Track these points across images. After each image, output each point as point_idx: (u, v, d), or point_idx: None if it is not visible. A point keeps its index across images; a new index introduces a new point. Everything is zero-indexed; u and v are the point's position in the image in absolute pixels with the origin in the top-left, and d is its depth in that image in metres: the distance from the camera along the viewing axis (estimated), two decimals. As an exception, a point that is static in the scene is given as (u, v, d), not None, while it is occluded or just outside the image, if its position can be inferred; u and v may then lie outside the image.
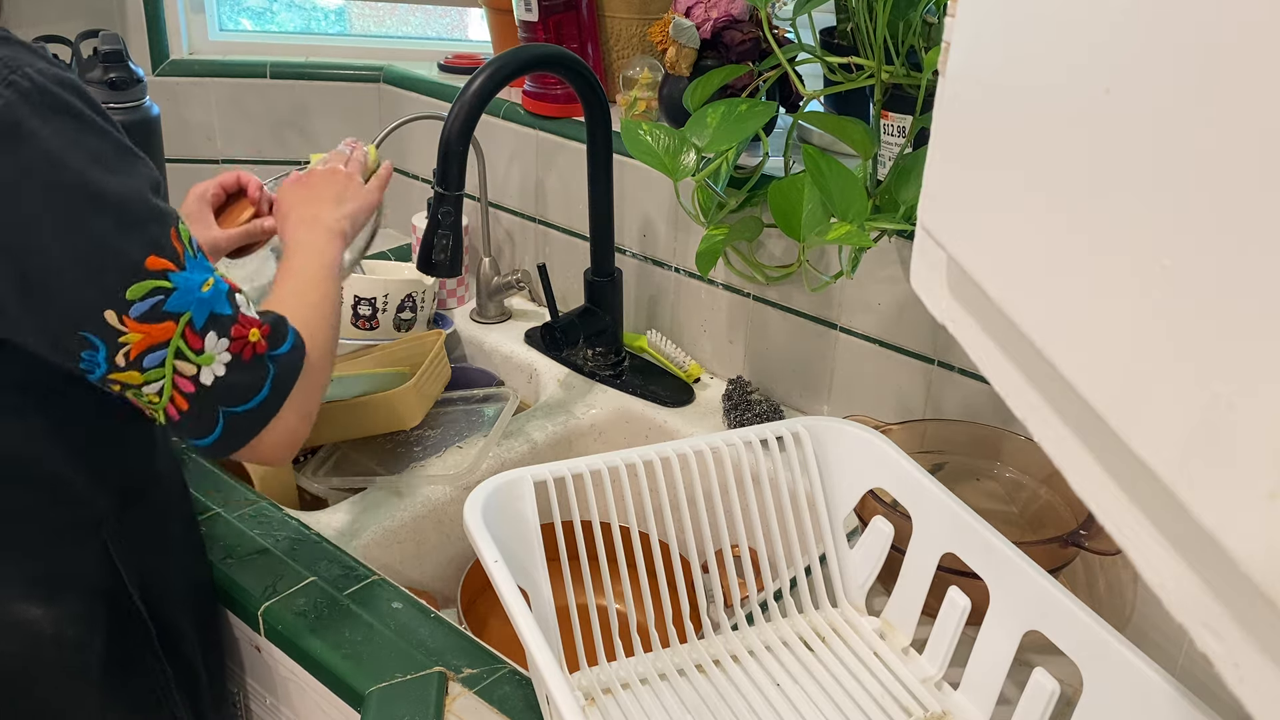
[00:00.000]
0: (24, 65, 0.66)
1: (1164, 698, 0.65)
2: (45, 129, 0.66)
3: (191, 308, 0.72)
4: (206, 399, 0.73)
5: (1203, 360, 0.34)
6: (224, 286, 0.74)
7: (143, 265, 0.69)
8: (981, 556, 0.78)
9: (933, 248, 0.56)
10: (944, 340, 1.08)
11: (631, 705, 0.79)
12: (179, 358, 0.71)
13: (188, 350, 0.72)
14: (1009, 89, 0.48)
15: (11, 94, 0.65)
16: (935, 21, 0.99)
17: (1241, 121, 0.32)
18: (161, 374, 0.71)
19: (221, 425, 0.75)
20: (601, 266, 1.25)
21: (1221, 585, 0.35)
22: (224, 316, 0.73)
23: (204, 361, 0.72)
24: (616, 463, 0.83)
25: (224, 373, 0.73)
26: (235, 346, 0.74)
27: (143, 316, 0.70)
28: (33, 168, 0.66)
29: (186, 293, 0.71)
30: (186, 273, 0.71)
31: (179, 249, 0.72)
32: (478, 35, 1.75)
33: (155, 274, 0.70)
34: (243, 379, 0.75)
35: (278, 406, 0.77)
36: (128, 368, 0.71)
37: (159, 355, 0.71)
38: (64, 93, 0.67)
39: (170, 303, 0.70)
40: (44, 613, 0.79)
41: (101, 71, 1.33)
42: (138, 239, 0.69)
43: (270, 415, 0.77)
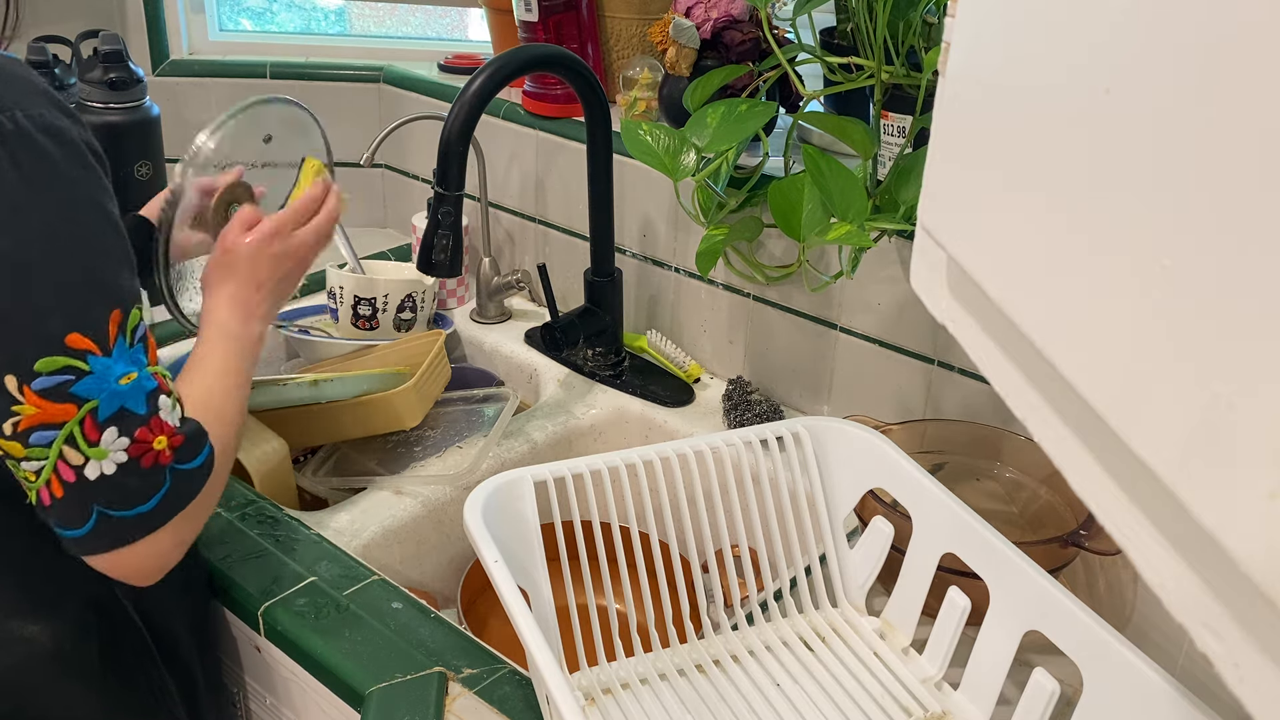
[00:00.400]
0: (18, 108, 0.65)
1: (1164, 698, 0.65)
2: (13, 174, 0.64)
3: (101, 397, 0.67)
4: (84, 492, 0.68)
5: (1203, 360, 0.34)
6: (149, 385, 0.70)
7: (61, 340, 0.66)
8: (981, 556, 0.78)
9: (933, 248, 0.56)
10: (944, 340, 1.08)
11: (631, 705, 0.79)
12: (69, 444, 0.67)
13: (81, 439, 0.67)
14: (1009, 89, 0.48)
15: None
16: (935, 21, 0.99)
17: (1241, 121, 0.32)
18: (45, 454, 0.67)
19: (92, 524, 0.69)
20: (601, 266, 1.25)
21: (1221, 585, 0.35)
22: (133, 414, 0.69)
23: (95, 455, 0.68)
24: (616, 463, 0.83)
25: (113, 471, 0.69)
26: (135, 449, 0.69)
27: (45, 392, 0.66)
28: None
29: (101, 380, 0.67)
30: (109, 360, 0.67)
31: (111, 334, 0.68)
32: (478, 35, 1.75)
33: (73, 353, 0.66)
34: (131, 484, 0.70)
35: (161, 523, 0.72)
36: (11, 438, 0.67)
37: (48, 435, 0.67)
38: (49, 143, 0.65)
39: (79, 386, 0.67)
40: (40, 627, 0.79)
41: (101, 71, 1.33)
42: (66, 311, 0.66)
43: (150, 529, 0.71)
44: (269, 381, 1.15)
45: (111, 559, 0.72)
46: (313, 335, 1.33)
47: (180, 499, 0.72)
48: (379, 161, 1.66)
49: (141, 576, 0.74)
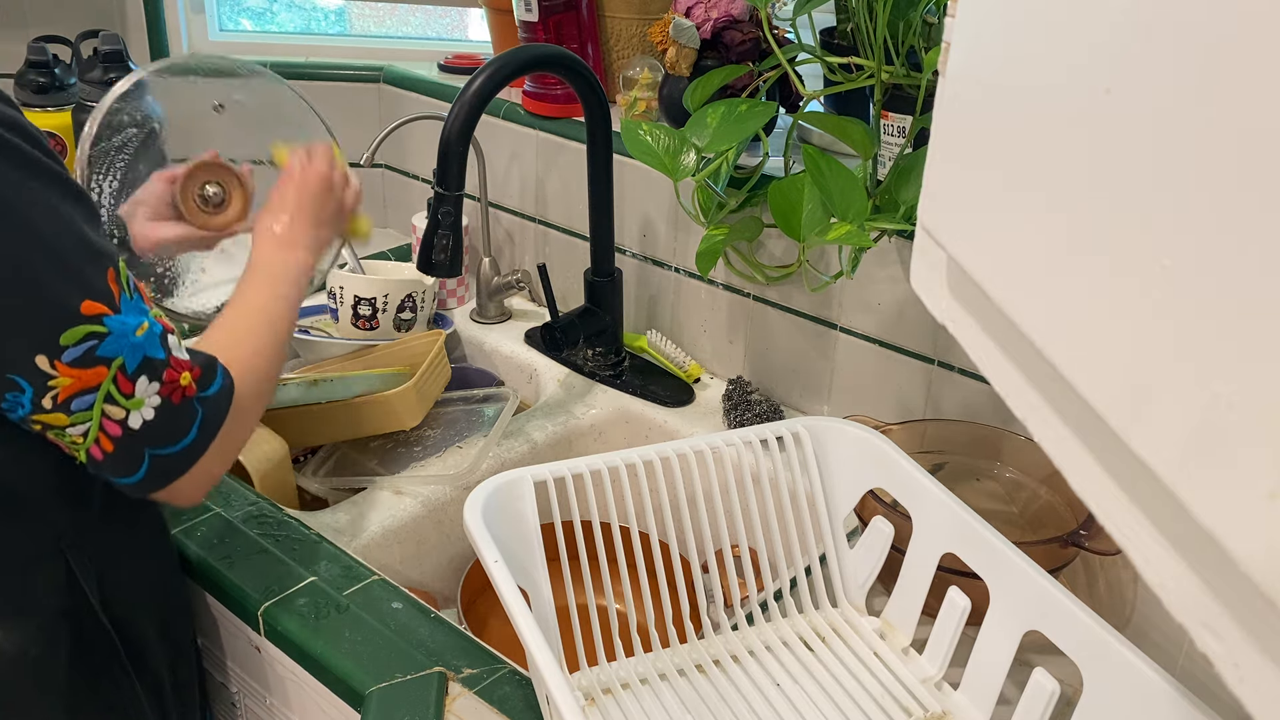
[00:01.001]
0: None
1: (1164, 698, 0.65)
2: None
3: (125, 353, 0.70)
4: (134, 441, 0.72)
5: (1203, 360, 0.34)
6: (158, 329, 0.73)
7: (78, 310, 0.68)
8: (981, 556, 0.78)
9: (933, 248, 0.56)
10: (944, 340, 1.08)
11: (631, 705, 0.79)
12: (109, 401, 0.70)
13: (118, 395, 0.71)
14: (1009, 89, 0.48)
15: None
16: (935, 21, 0.99)
17: (1242, 121, 0.32)
18: (88, 417, 0.70)
19: (146, 466, 0.73)
20: (601, 266, 1.25)
21: (1221, 585, 0.35)
22: (156, 360, 0.72)
23: (133, 406, 0.71)
24: (616, 463, 0.83)
25: (153, 416, 0.72)
26: (165, 390, 0.73)
27: (75, 361, 0.68)
28: None
29: (120, 337, 0.70)
30: (121, 316, 0.70)
31: (115, 292, 0.70)
32: (478, 35, 1.75)
33: (90, 319, 0.69)
34: (171, 422, 0.73)
35: (204, 449, 0.76)
36: (54, 410, 0.69)
37: (88, 399, 0.70)
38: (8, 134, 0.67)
39: (103, 348, 0.69)
40: (5, 634, 0.78)
41: (101, 71, 1.33)
42: (74, 284, 0.68)
43: (196, 457, 0.76)
44: (269, 381, 1.15)
45: (168, 492, 0.76)
46: (313, 335, 1.33)
47: (214, 423, 0.76)
48: (379, 161, 1.66)
49: (194, 500, 0.79)
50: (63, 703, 0.82)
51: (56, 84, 1.43)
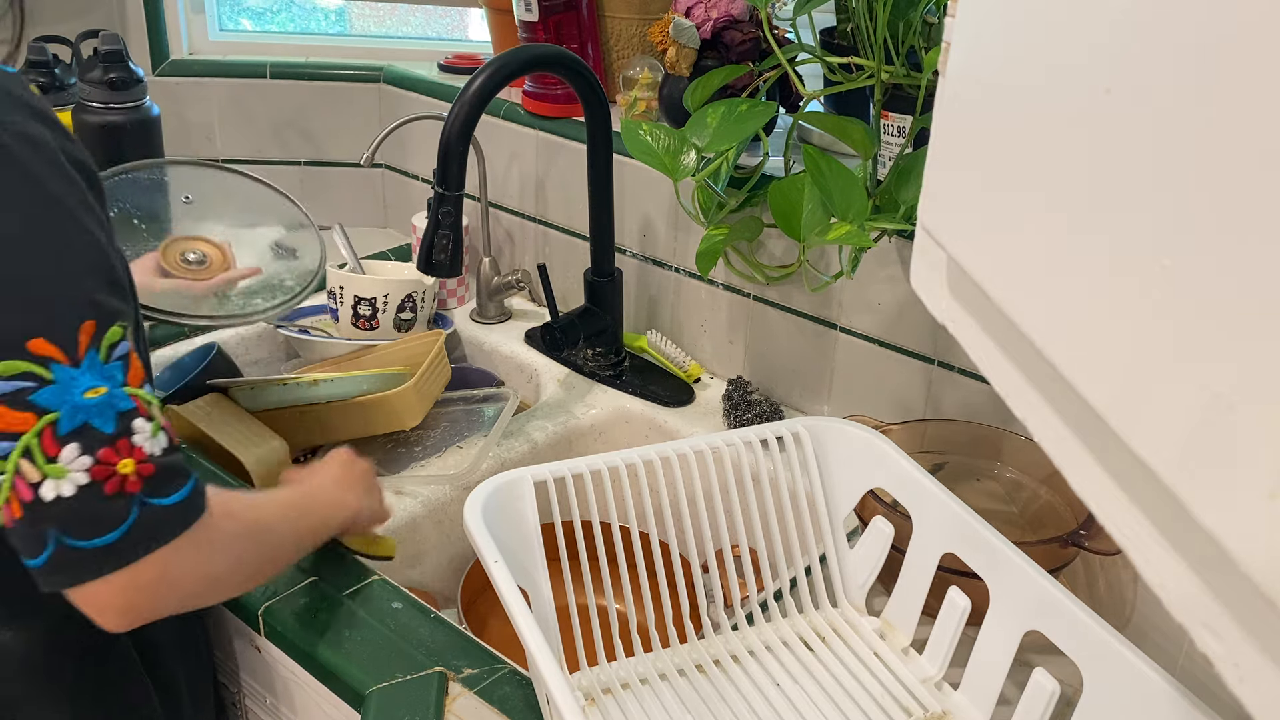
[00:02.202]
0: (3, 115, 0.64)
1: (1164, 698, 0.65)
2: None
3: (63, 409, 0.62)
4: (40, 516, 0.62)
5: (1203, 360, 0.34)
6: (122, 405, 0.64)
7: (22, 344, 0.61)
8: (981, 556, 0.78)
9: (933, 248, 0.56)
10: (944, 340, 1.08)
11: (631, 705, 0.79)
12: (26, 457, 0.62)
13: (39, 453, 0.62)
14: (1009, 89, 0.48)
15: None
16: (935, 21, 0.99)
17: (1242, 121, 0.32)
18: (3, 467, 0.62)
19: (49, 553, 0.63)
20: (601, 266, 1.25)
21: (1221, 585, 0.35)
22: (98, 432, 0.63)
23: (53, 473, 0.62)
24: (616, 463, 0.83)
25: (71, 494, 0.62)
26: (99, 471, 0.63)
27: (2, 398, 0.61)
28: None
29: (64, 391, 0.62)
30: (75, 371, 0.62)
31: (81, 344, 0.63)
32: (478, 35, 1.75)
33: (35, 358, 0.62)
34: (92, 510, 0.63)
35: (126, 561, 0.64)
36: None
37: (5, 447, 0.62)
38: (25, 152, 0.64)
39: (40, 395, 0.62)
40: (13, 635, 0.78)
41: (101, 71, 1.33)
42: (30, 316, 0.62)
43: (114, 567, 0.64)
44: (269, 381, 1.15)
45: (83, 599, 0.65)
46: (313, 335, 1.33)
47: (150, 536, 0.65)
48: (379, 161, 1.66)
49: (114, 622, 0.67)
50: (70, 703, 0.82)
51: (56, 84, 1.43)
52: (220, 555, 0.70)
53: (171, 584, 0.67)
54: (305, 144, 1.66)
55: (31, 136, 0.65)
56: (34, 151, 0.65)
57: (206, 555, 0.69)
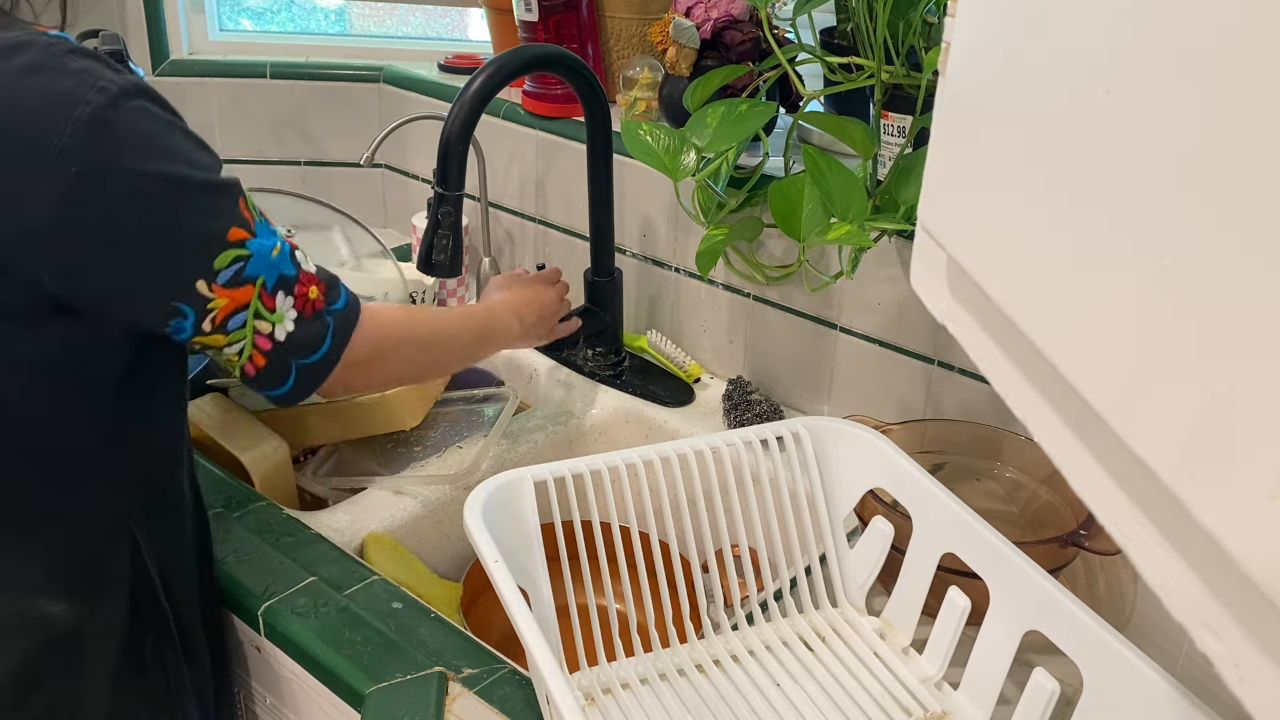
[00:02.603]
0: (103, 76, 0.72)
1: (1164, 698, 0.65)
2: (127, 125, 0.72)
3: (265, 271, 0.78)
4: (281, 353, 0.80)
5: (1203, 360, 0.34)
6: (287, 248, 0.80)
7: (225, 237, 0.75)
8: (981, 556, 0.78)
9: (933, 248, 0.56)
10: (944, 340, 1.08)
11: (631, 705, 0.79)
12: (257, 318, 0.78)
13: (264, 310, 0.78)
14: (1009, 89, 0.48)
15: (100, 98, 0.70)
16: (935, 21, 0.99)
17: (1242, 121, 0.32)
18: (243, 335, 0.78)
19: (294, 376, 0.81)
20: (601, 266, 1.25)
21: (1221, 585, 0.35)
22: (289, 277, 0.80)
23: (276, 320, 0.79)
24: (616, 463, 0.83)
25: (293, 328, 0.80)
26: (299, 304, 0.80)
27: (228, 283, 0.76)
28: (115, 160, 0.71)
29: (260, 258, 0.77)
30: (259, 239, 0.77)
31: (249, 218, 0.77)
32: (478, 35, 1.75)
33: (235, 244, 0.76)
34: (308, 332, 0.81)
35: (338, 357, 0.83)
36: (213, 331, 0.77)
37: (241, 318, 0.77)
38: (139, 97, 0.73)
39: (248, 268, 0.77)
40: (65, 608, 0.80)
41: (101, 71, 1.32)
42: (220, 214, 0.76)
43: (334, 364, 0.83)
44: (269, 381, 1.15)
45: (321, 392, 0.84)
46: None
47: (344, 333, 0.83)
48: (379, 161, 1.66)
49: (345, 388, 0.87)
50: (109, 683, 0.83)
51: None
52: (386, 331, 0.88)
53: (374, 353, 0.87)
54: (305, 144, 1.66)
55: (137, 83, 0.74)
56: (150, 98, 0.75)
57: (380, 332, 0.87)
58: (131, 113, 0.72)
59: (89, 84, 0.70)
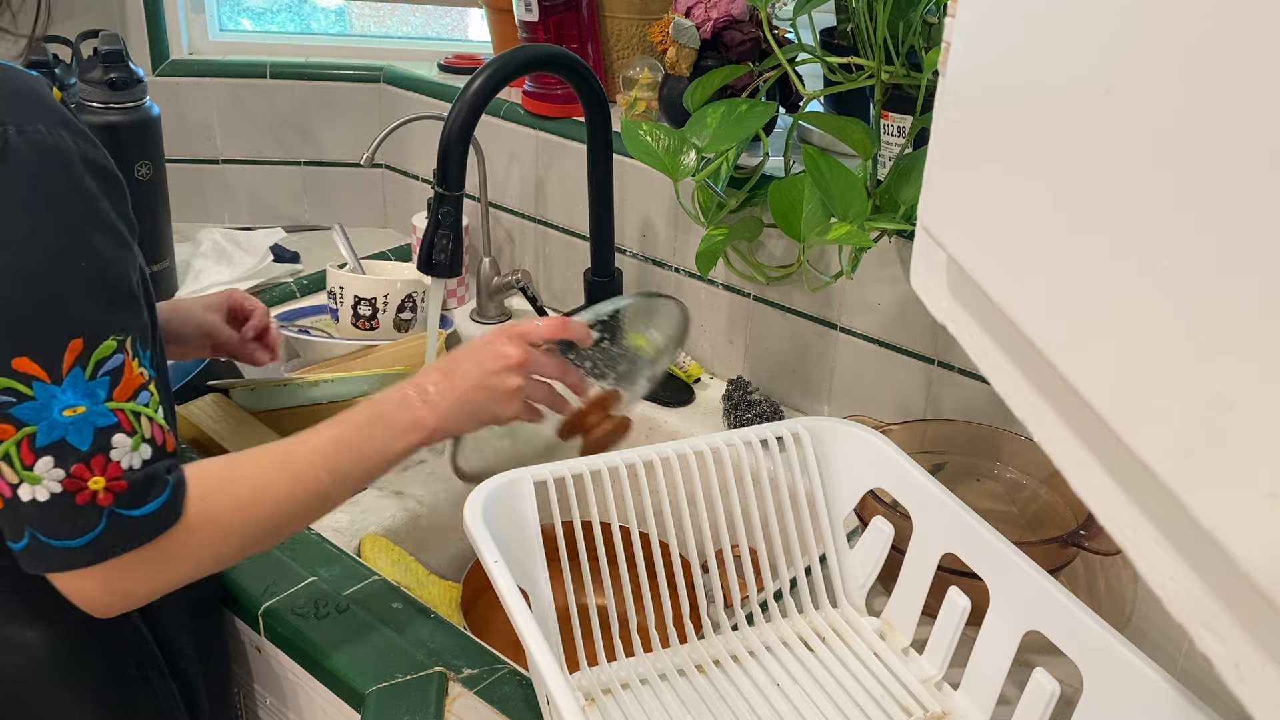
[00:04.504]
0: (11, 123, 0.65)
1: (1164, 698, 0.65)
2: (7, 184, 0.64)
3: (40, 424, 0.65)
4: (17, 512, 0.67)
5: (1203, 360, 0.34)
6: (101, 421, 0.67)
7: (7, 362, 0.64)
8: (981, 556, 0.78)
9: (933, 248, 0.56)
10: (944, 340, 1.08)
11: (631, 705, 0.79)
12: (5, 461, 0.66)
13: (16, 460, 0.65)
14: (1009, 89, 0.48)
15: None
16: (935, 21, 0.99)
17: (1242, 122, 0.32)
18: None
19: (25, 543, 0.68)
20: (601, 266, 1.25)
21: (1221, 585, 0.35)
22: (72, 448, 0.66)
23: (29, 479, 0.66)
24: (616, 463, 0.83)
25: (45, 499, 0.66)
26: (70, 484, 0.66)
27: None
28: None
29: (43, 408, 0.65)
30: (56, 389, 0.65)
31: (65, 362, 0.65)
32: (478, 35, 1.75)
33: (18, 376, 0.64)
34: (63, 517, 0.67)
35: (87, 562, 0.68)
36: None
37: None
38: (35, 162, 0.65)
39: (19, 409, 0.65)
40: (39, 635, 0.78)
41: (101, 71, 1.33)
42: (16, 334, 0.64)
43: (75, 564, 0.68)
44: (269, 382, 1.15)
45: (56, 580, 0.69)
46: (313, 335, 1.33)
47: (117, 544, 0.68)
48: (379, 161, 1.66)
49: (92, 605, 0.71)
50: (95, 703, 0.82)
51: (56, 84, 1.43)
52: (196, 554, 0.72)
53: (146, 579, 0.71)
54: (305, 144, 1.66)
55: (47, 146, 0.65)
56: (46, 164, 0.65)
57: (180, 556, 0.71)
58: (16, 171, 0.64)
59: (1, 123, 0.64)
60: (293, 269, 1.53)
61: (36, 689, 0.79)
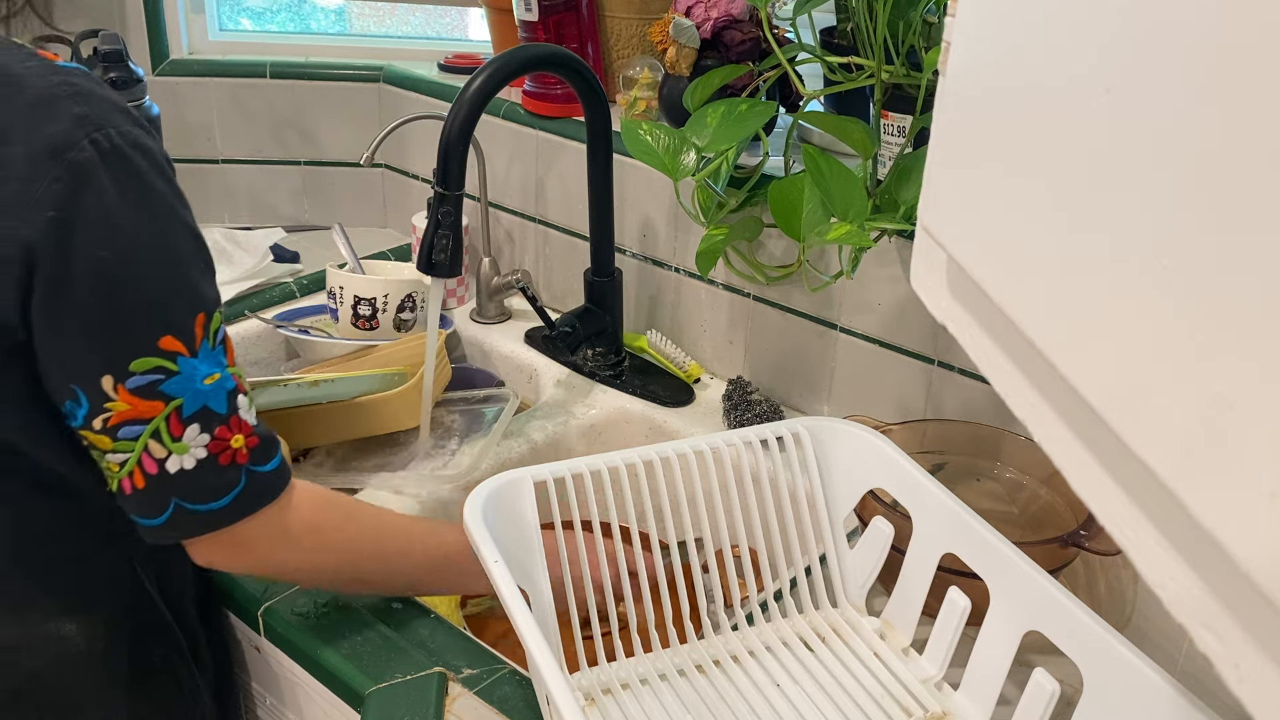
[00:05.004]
0: (110, 126, 0.68)
1: (1164, 698, 0.65)
2: (113, 190, 0.68)
3: (186, 395, 0.71)
4: (164, 485, 0.72)
5: (1203, 360, 0.34)
6: (229, 385, 0.73)
7: (155, 344, 0.69)
8: (981, 556, 0.78)
9: (933, 248, 0.56)
10: (944, 340, 1.08)
11: (631, 705, 0.79)
12: (154, 438, 0.71)
13: (166, 434, 0.71)
14: (1009, 89, 0.48)
15: (93, 150, 0.67)
16: (935, 21, 0.99)
17: (1242, 122, 0.32)
18: (131, 448, 0.71)
19: (169, 515, 0.73)
20: (601, 266, 1.25)
21: (1221, 585, 0.35)
22: (214, 414, 0.72)
23: (177, 450, 0.71)
24: (616, 463, 0.83)
25: (192, 466, 0.72)
26: (214, 446, 0.73)
27: (137, 390, 0.69)
28: (91, 221, 0.67)
29: (187, 380, 0.71)
30: (195, 361, 0.71)
31: (197, 336, 0.71)
32: (478, 35, 1.75)
33: (164, 354, 0.70)
34: (209, 479, 0.73)
35: (231, 521, 0.75)
36: (102, 432, 0.70)
37: (136, 430, 0.70)
38: (139, 159, 0.69)
39: (168, 384, 0.70)
40: (76, 628, 0.81)
41: (101, 71, 1.32)
42: (159, 316, 0.70)
43: (220, 525, 0.74)
44: (269, 381, 1.15)
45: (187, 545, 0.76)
46: (313, 335, 1.33)
47: (252, 501, 0.75)
48: (379, 161, 1.66)
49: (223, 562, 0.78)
50: (126, 693, 0.84)
51: (56, 84, 1.42)
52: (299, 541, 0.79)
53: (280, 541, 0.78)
54: (305, 144, 1.66)
55: (142, 144, 0.70)
56: (148, 160, 0.70)
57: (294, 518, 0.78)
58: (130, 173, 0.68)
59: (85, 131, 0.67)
60: (292, 269, 1.53)
61: (71, 679, 0.82)
